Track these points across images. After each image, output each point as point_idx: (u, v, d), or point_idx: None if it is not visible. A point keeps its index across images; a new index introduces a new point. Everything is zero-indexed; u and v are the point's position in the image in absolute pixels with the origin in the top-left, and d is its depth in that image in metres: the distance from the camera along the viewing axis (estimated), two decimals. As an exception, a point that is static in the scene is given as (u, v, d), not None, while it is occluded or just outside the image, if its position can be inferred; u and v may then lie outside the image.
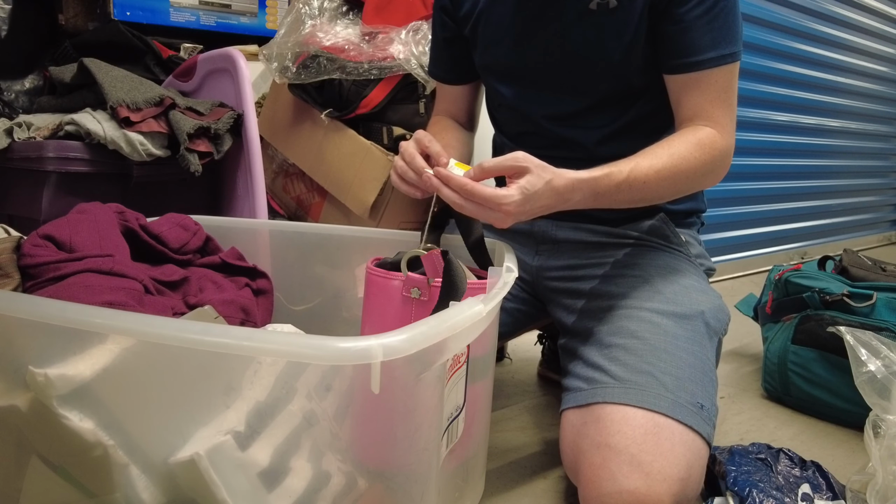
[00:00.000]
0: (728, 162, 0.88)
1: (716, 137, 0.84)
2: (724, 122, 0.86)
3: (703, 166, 0.83)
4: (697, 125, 0.85)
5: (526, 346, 1.49)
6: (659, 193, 0.83)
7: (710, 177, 0.87)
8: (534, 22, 0.91)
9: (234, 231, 1.02)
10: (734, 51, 0.84)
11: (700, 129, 0.85)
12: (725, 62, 0.84)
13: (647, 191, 0.80)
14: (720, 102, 0.85)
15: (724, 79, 0.85)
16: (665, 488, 0.69)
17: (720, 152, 0.85)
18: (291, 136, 1.46)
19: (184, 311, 0.77)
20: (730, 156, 0.87)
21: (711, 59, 0.83)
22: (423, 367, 0.53)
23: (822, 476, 0.87)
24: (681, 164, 0.81)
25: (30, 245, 0.75)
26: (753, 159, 2.68)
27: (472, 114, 1.14)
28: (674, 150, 0.82)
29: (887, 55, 3.39)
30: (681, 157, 0.81)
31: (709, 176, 0.86)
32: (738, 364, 1.55)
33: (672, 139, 0.84)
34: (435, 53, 1.11)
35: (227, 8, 1.77)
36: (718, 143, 0.84)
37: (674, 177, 0.81)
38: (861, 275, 1.31)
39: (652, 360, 0.77)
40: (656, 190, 0.81)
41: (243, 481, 0.51)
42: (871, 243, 3.64)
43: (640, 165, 0.79)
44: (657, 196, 0.84)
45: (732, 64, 0.85)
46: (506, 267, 0.73)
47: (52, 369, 0.51)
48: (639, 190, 0.79)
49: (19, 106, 1.56)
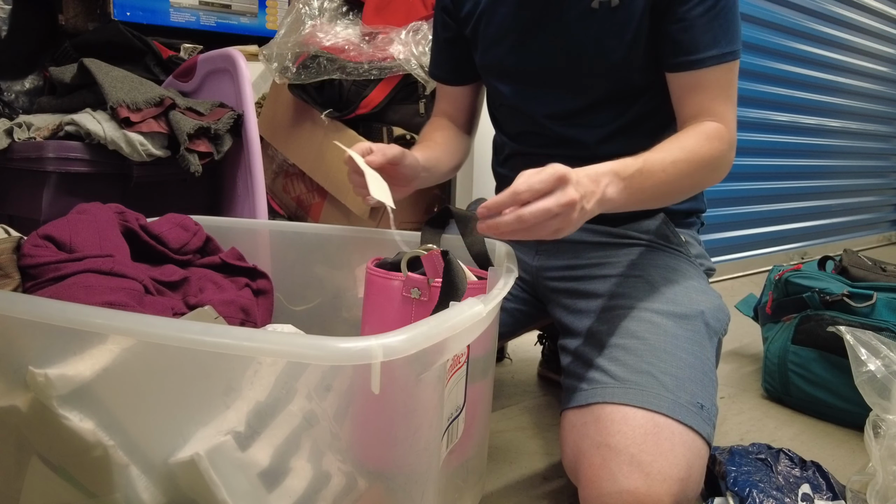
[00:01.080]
0: (732, 157, 0.88)
1: (722, 130, 0.85)
2: (728, 118, 0.86)
3: (715, 157, 0.83)
4: (702, 121, 0.86)
5: (526, 346, 1.49)
6: (679, 185, 0.82)
7: (720, 170, 0.87)
8: (535, 21, 0.91)
9: (234, 231, 1.02)
10: (734, 49, 0.85)
11: (705, 124, 0.85)
12: (727, 60, 0.85)
13: (666, 182, 0.78)
14: (723, 99, 0.86)
15: (725, 77, 0.86)
16: (665, 488, 0.69)
17: (728, 144, 0.86)
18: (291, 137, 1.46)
19: (184, 312, 0.77)
20: (734, 150, 0.88)
21: (713, 57, 0.84)
22: (423, 368, 0.53)
23: (822, 476, 0.87)
24: (693, 155, 0.81)
25: (30, 245, 0.75)
26: (753, 159, 2.68)
27: (472, 116, 1.14)
28: (684, 143, 0.82)
29: (887, 55, 3.39)
30: (692, 150, 0.81)
31: (718, 169, 0.87)
32: (738, 364, 1.55)
33: (679, 135, 0.84)
34: (436, 54, 1.10)
35: (227, 8, 1.77)
36: (725, 136, 0.85)
37: (689, 167, 0.81)
38: (861, 275, 1.31)
39: (652, 360, 0.77)
40: (676, 181, 0.80)
41: (243, 481, 0.51)
42: (871, 243, 3.64)
43: (651, 158, 0.78)
44: (678, 189, 0.83)
45: (733, 62, 0.85)
46: (506, 267, 0.73)
47: (53, 369, 0.51)
48: (658, 180, 0.77)
49: (19, 106, 1.56)
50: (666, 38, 0.86)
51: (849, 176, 3.36)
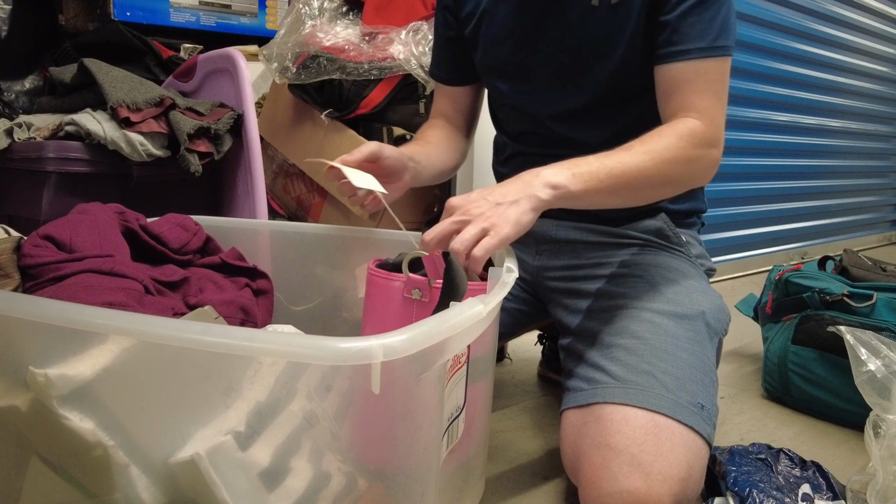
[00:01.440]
0: (715, 155, 0.84)
1: (698, 128, 0.81)
2: (713, 115, 0.82)
3: (686, 154, 0.79)
4: (679, 118, 0.83)
5: (526, 346, 1.49)
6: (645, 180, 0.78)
7: (699, 167, 0.83)
8: (537, 21, 0.91)
9: (234, 231, 1.02)
10: (725, 44, 0.82)
11: (680, 122, 0.82)
12: (715, 55, 0.82)
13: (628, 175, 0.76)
14: (708, 95, 0.82)
15: (713, 72, 0.83)
16: (665, 488, 0.69)
17: (705, 143, 0.81)
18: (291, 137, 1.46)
19: (184, 312, 0.77)
20: (719, 148, 0.84)
21: (700, 49, 0.81)
22: (423, 368, 0.53)
23: (822, 476, 0.87)
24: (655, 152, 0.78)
25: (30, 245, 0.75)
26: (753, 159, 2.68)
27: (471, 118, 1.13)
28: (646, 140, 0.79)
29: (887, 55, 3.39)
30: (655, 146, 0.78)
31: (695, 165, 0.82)
32: (738, 364, 1.55)
33: (646, 134, 0.81)
34: (437, 54, 1.10)
35: (227, 8, 1.77)
36: (701, 133, 0.81)
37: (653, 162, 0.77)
38: (861, 275, 1.31)
39: (652, 360, 0.77)
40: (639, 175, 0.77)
41: (243, 481, 0.51)
42: (871, 243, 3.64)
43: (609, 153, 0.77)
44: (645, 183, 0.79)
45: (723, 58, 0.83)
46: (506, 267, 0.73)
47: (53, 369, 0.51)
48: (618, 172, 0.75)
49: (19, 106, 1.56)
50: (657, 30, 0.84)
51: (849, 176, 3.36)
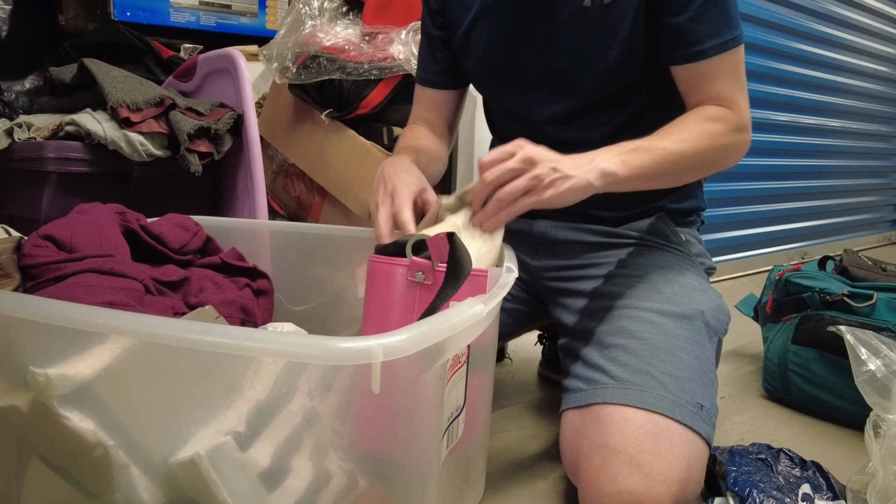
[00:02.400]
0: (745, 139, 0.88)
1: (725, 112, 0.85)
2: (738, 102, 0.86)
3: (719, 135, 0.83)
4: (707, 105, 0.86)
5: (526, 347, 1.49)
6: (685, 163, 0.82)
7: (730, 151, 0.87)
8: (528, 25, 0.91)
9: (234, 231, 1.02)
10: (736, 34, 0.85)
11: (706, 108, 0.85)
12: (730, 47, 0.84)
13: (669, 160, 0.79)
14: (731, 84, 0.86)
15: (731, 63, 0.85)
16: (665, 489, 0.69)
17: (734, 125, 0.85)
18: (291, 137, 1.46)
19: (184, 312, 0.77)
20: (747, 132, 0.88)
21: (716, 46, 0.84)
22: (423, 367, 0.53)
23: (822, 476, 0.87)
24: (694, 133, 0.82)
25: (30, 245, 0.75)
26: (753, 159, 2.68)
27: (452, 123, 1.11)
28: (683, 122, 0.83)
29: (887, 55, 3.39)
30: (693, 128, 0.82)
31: (728, 150, 0.86)
32: (738, 364, 1.55)
33: (679, 118, 0.85)
34: (426, 57, 1.07)
35: (227, 8, 1.77)
36: (729, 117, 0.85)
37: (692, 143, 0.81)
38: (861, 275, 1.31)
39: (652, 360, 0.77)
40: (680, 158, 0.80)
41: (244, 482, 0.51)
42: (871, 243, 3.64)
43: (651, 138, 0.80)
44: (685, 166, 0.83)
45: (737, 47, 0.85)
46: (506, 267, 0.73)
47: (53, 369, 0.51)
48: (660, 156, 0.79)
49: (19, 106, 1.56)
50: (665, 31, 0.85)
51: (849, 176, 3.36)
